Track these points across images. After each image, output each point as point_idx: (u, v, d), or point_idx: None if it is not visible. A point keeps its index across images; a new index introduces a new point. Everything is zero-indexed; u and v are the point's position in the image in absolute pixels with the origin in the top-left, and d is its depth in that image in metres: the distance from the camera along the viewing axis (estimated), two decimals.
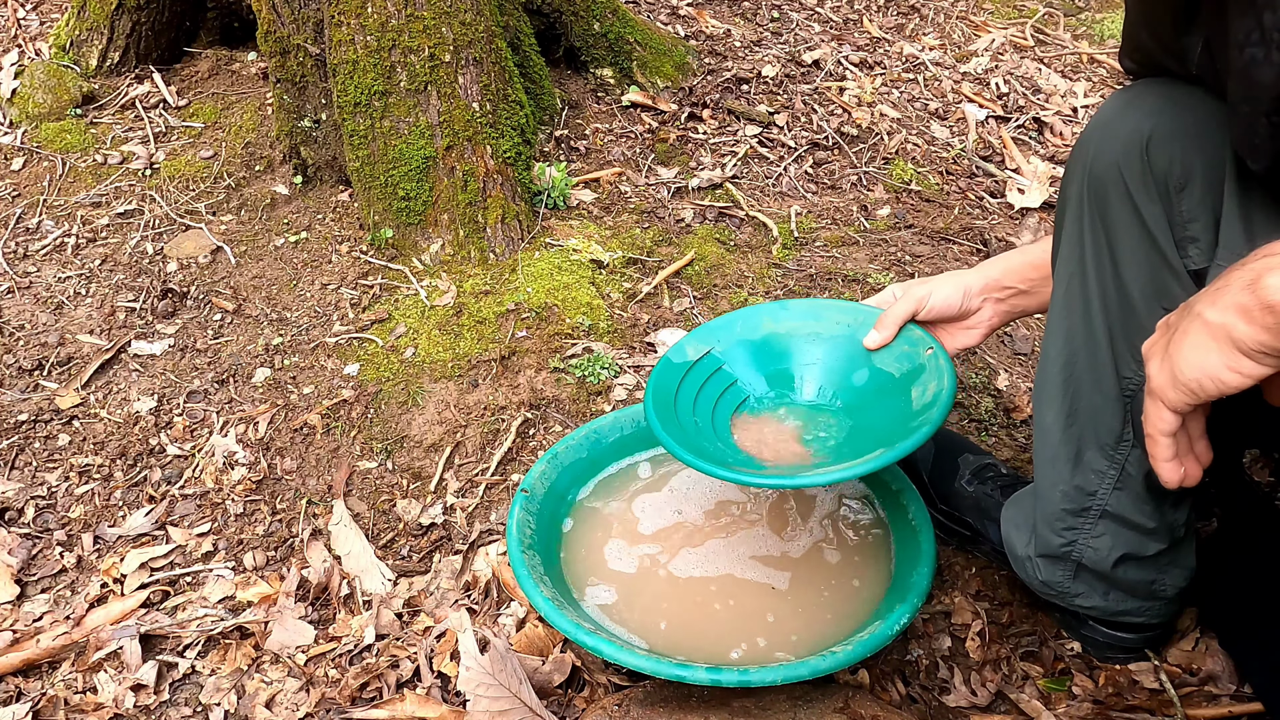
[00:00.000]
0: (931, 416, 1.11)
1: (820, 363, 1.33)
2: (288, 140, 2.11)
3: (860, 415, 1.27)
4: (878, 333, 1.28)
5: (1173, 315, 0.85)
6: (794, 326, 1.36)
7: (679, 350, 1.34)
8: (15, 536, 1.49)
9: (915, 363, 1.24)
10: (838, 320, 1.34)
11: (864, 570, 1.26)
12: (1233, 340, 0.76)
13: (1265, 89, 0.80)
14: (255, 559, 1.46)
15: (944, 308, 1.27)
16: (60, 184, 2.18)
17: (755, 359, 1.36)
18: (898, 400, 1.22)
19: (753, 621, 1.21)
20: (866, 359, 1.29)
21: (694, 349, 1.34)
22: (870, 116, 2.42)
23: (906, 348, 1.26)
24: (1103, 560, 1.14)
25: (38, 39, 2.58)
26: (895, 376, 1.25)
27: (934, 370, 1.20)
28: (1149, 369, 0.85)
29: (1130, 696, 1.22)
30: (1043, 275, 1.24)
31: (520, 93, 2.03)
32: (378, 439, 1.60)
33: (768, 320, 1.37)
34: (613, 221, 2.03)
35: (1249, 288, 0.74)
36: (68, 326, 1.84)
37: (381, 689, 1.27)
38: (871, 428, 1.23)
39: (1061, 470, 1.13)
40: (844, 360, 1.32)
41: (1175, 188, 0.96)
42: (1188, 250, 0.98)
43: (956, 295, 1.27)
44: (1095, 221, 1.02)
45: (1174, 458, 0.88)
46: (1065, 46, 2.98)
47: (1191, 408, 0.83)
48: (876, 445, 1.15)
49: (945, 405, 1.12)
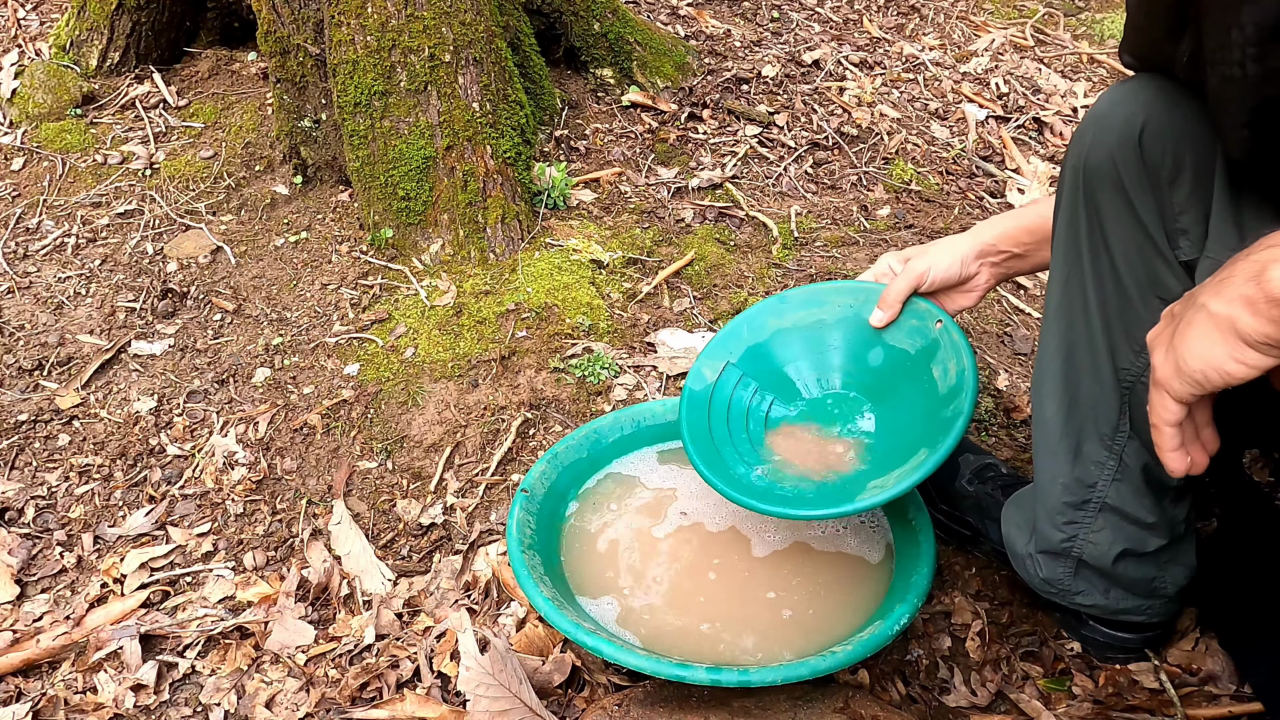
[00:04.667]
0: (962, 406, 1.13)
1: (835, 349, 1.33)
2: (288, 140, 2.11)
3: (887, 399, 1.28)
4: (882, 311, 1.29)
5: (1177, 305, 0.85)
6: (798, 318, 1.36)
7: (697, 376, 1.34)
8: (15, 536, 1.49)
9: (929, 338, 1.24)
10: (839, 302, 1.34)
11: (864, 570, 1.26)
12: (1237, 332, 0.76)
13: (1239, 103, 0.80)
14: (255, 559, 1.46)
15: (944, 279, 1.28)
16: (60, 184, 2.18)
17: (771, 360, 1.36)
18: (920, 380, 1.23)
19: (753, 621, 1.21)
20: (877, 337, 1.30)
21: (710, 369, 1.35)
22: (870, 116, 2.42)
23: (915, 322, 1.27)
24: (1103, 556, 1.14)
25: (38, 39, 2.58)
26: (911, 353, 1.26)
27: (949, 347, 1.21)
28: (1154, 359, 0.86)
29: (1130, 696, 1.22)
30: (1036, 239, 1.25)
31: (520, 93, 2.03)
32: (378, 439, 1.60)
33: (771, 318, 1.37)
34: (613, 221, 2.03)
35: (1254, 279, 0.74)
36: (68, 326, 1.84)
37: (381, 689, 1.27)
38: (902, 413, 1.24)
39: (1061, 462, 1.13)
40: (857, 343, 1.32)
41: (1167, 180, 0.97)
42: (1179, 242, 0.99)
43: (955, 265, 1.28)
44: (1090, 213, 1.03)
45: (1179, 447, 0.88)
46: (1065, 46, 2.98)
47: (1196, 398, 0.83)
48: (912, 438, 1.17)
49: (972, 388, 1.14)
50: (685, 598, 1.24)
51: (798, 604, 1.22)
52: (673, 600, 1.24)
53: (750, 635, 1.19)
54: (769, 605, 1.22)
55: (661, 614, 1.22)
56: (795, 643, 1.17)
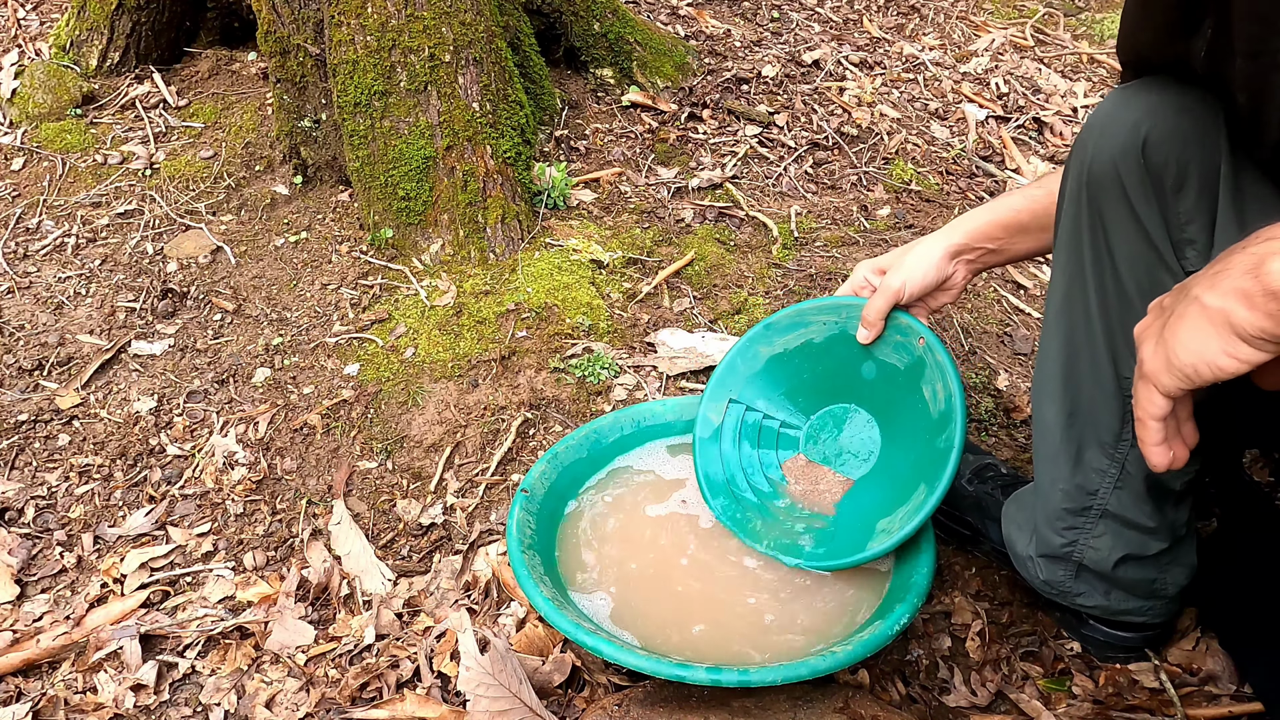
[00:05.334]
0: (953, 438, 1.16)
1: (828, 369, 1.35)
2: (288, 140, 2.11)
3: (885, 412, 1.31)
4: (865, 330, 1.29)
5: (1166, 298, 0.84)
6: (787, 342, 1.38)
7: (704, 422, 1.37)
8: (15, 536, 1.49)
9: (914, 355, 1.26)
10: (823, 320, 1.35)
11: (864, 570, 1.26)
12: (1231, 325, 0.75)
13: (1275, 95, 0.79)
14: (255, 559, 1.46)
15: (921, 289, 1.27)
16: (60, 184, 2.18)
17: (772, 387, 1.39)
18: (913, 398, 1.25)
19: (753, 621, 1.21)
20: (866, 352, 1.31)
21: (714, 412, 1.37)
22: (870, 116, 2.42)
23: (899, 338, 1.28)
24: (1104, 560, 1.14)
25: (38, 39, 2.58)
26: (900, 369, 1.28)
27: (935, 367, 1.23)
28: (1142, 352, 0.84)
29: (1130, 696, 1.21)
30: (1010, 233, 1.24)
31: (520, 93, 2.03)
32: (378, 439, 1.60)
33: (761, 347, 1.39)
34: (613, 221, 2.03)
35: (1251, 272, 0.73)
36: (68, 326, 1.84)
37: (381, 689, 1.27)
38: (901, 435, 1.27)
39: (1062, 469, 1.13)
40: (848, 360, 1.33)
41: (1172, 189, 0.96)
42: (1185, 251, 0.98)
43: (930, 272, 1.27)
44: (1093, 222, 1.02)
45: (1163, 442, 0.87)
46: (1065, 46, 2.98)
47: (1184, 393, 0.82)
48: (912, 466, 1.21)
49: (961, 418, 1.17)
50: (686, 597, 1.24)
51: (799, 603, 1.22)
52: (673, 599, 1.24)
53: (750, 634, 1.19)
54: (770, 604, 1.22)
55: (661, 613, 1.22)
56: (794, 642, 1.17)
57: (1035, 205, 1.21)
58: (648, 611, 1.22)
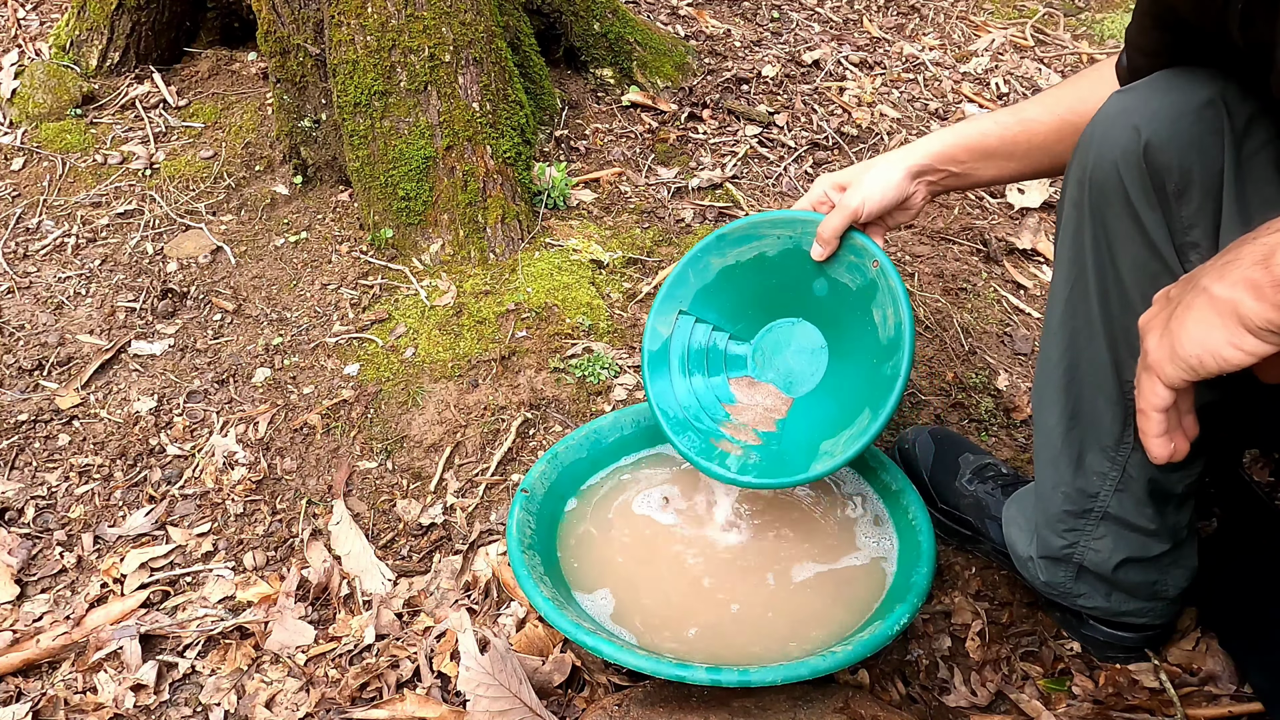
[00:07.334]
0: (900, 365, 1.16)
1: (780, 283, 1.34)
2: (288, 140, 2.11)
3: (834, 334, 1.31)
4: (820, 247, 1.27)
5: (1173, 288, 0.83)
6: (740, 254, 1.36)
7: (653, 335, 1.36)
8: (15, 536, 1.49)
9: (866, 277, 1.25)
10: (778, 234, 1.33)
11: (864, 570, 1.26)
12: (1239, 316, 0.74)
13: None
14: (255, 559, 1.46)
15: (880, 208, 1.25)
16: (60, 184, 2.18)
17: (722, 299, 1.37)
18: (863, 320, 1.25)
19: (753, 620, 1.21)
20: (819, 269, 1.30)
21: (664, 324, 1.36)
22: (870, 116, 2.42)
23: (853, 258, 1.27)
24: (1105, 563, 1.14)
25: (38, 39, 2.58)
26: (852, 289, 1.27)
27: (887, 291, 1.22)
28: (1146, 343, 0.84)
29: (1130, 696, 1.22)
30: (975, 156, 1.23)
31: (520, 93, 2.03)
32: (378, 439, 1.60)
33: (713, 258, 1.37)
34: (613, 221, 2.03)
35: (1261, 263, 0.72)
36: (68, 326, 1.84)
37: (381, 689, 1.27)
38: (849, 356, 1.28)
39: (1063, 472, 1.13)
40: (800, 275, 1.32)
41: (1174, 194, 0.95)
42: (1189, 256, 0.97)
43: (890, 191, 1.25)
44: (1095, 227, 1.01)
45: (1164, 434, 0.87)
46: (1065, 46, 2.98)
47: (1188, 384, 0.81)
48: (858, 390, 1.21)
49: (909, 346, 1.17)
50: (686, 596, 1.24)
51: (798, 603, 1.22)
52: (673, 599, 1.24)
53: (750, 634, 1.19)
54: (770, 604, 1.22)
55: (662, 613, 1.22)
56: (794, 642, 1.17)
57: (1005, 132, 1.20)
58: (648, 611, 1.22)
